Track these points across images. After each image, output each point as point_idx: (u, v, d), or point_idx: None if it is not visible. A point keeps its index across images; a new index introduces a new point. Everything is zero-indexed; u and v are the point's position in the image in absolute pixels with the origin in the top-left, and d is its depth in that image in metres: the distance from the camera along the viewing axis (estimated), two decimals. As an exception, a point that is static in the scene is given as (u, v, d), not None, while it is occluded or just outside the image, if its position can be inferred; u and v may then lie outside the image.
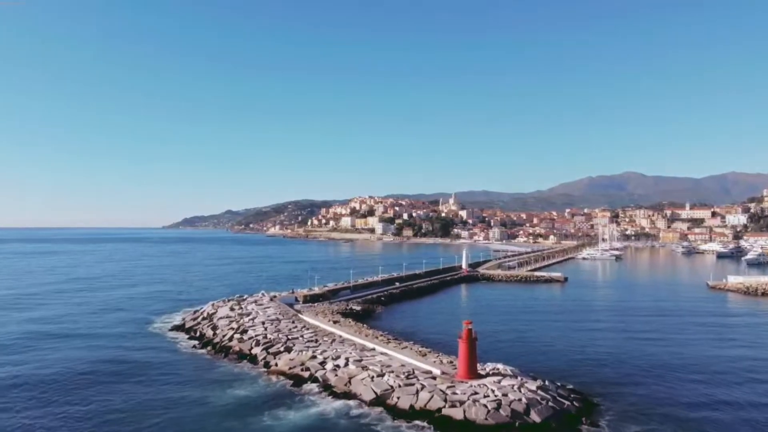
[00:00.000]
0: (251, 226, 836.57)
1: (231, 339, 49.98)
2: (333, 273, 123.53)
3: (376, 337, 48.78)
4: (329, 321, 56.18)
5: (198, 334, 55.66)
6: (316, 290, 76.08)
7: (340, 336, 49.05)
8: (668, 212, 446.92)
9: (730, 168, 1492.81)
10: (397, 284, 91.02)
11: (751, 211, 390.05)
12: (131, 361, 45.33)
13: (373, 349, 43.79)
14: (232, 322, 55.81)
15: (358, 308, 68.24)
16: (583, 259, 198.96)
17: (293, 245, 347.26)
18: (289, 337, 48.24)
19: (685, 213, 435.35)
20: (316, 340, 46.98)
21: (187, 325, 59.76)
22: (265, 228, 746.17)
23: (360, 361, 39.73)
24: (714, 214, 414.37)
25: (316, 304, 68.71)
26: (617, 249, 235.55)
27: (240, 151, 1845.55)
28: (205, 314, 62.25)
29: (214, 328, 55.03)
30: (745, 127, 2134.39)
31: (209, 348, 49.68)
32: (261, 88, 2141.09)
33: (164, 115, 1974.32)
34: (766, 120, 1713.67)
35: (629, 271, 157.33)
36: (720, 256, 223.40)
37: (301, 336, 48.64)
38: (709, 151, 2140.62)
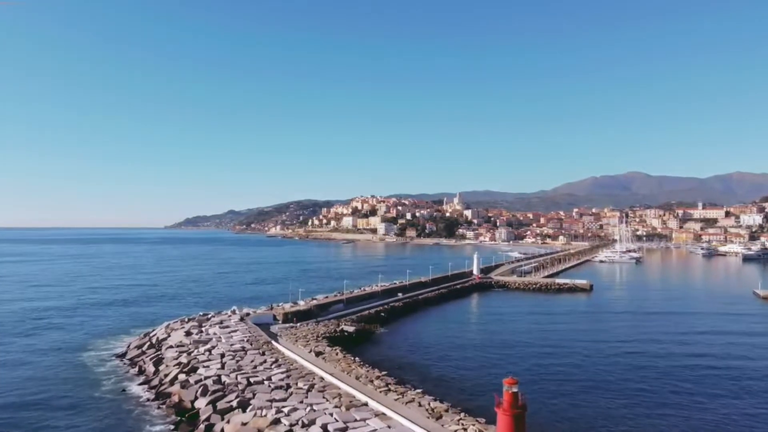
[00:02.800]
0: (253, 226, 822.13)
1: (173, 381, 36.60)
2: (327, 280, 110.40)
3: (371, 381, 35.27)
4: (311, 351, 42.73)
5: (138, 369, 42.39)
6: (301, 305, 62.45)
7: (322, 378, 35.56)
8: (680, 212, 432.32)
9: (735, 168, 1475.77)
10: (400, 295, 77.54)
11: (767, 211, 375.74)
12: (24, 408, 32.38)
13: (366, 405, 30.36)
14: (182, 353, 42.31)
15: (352, 329, 54.64)
16: (601, 261, 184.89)
17: (291, 246, 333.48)
18: (252, 380, 34.77)
19: (698, 213, 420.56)
20: (288, 386, 33.53)
21: (129, 355, 46.51)
22: (266, 228, 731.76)
23: (344, 431, 26.31)
24: (728, 214, 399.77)
25: (299, 323, 55.21)
26: (635, 251, 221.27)
27: (243, 152, 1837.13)
28: (154, 340, 48.86)
29: (158, 362, 41.69)
30: (750, 126, 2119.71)
31: (146, 391, 36.53)
32: (264, 90, 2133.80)
33: (166, 117, 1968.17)
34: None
35: (656, 276, 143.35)
36: (746, 258, 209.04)
37: (268, 378, 35.17)
38: (714, 151, 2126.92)
